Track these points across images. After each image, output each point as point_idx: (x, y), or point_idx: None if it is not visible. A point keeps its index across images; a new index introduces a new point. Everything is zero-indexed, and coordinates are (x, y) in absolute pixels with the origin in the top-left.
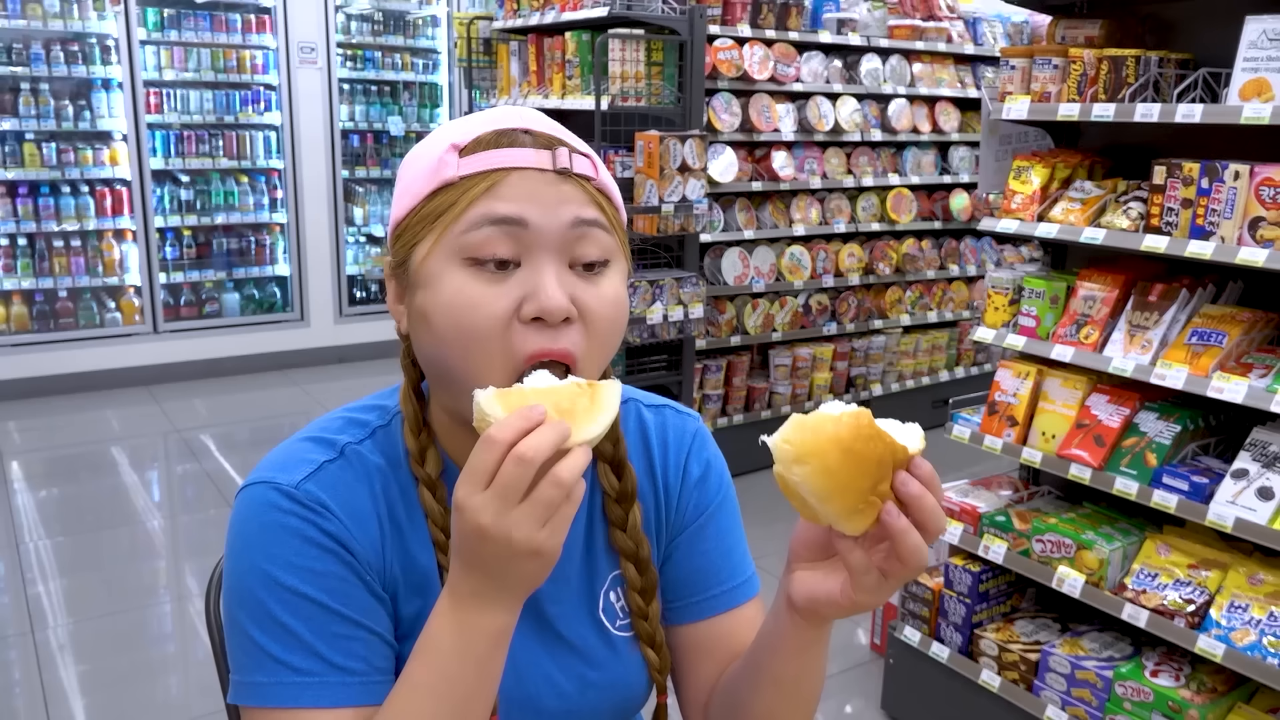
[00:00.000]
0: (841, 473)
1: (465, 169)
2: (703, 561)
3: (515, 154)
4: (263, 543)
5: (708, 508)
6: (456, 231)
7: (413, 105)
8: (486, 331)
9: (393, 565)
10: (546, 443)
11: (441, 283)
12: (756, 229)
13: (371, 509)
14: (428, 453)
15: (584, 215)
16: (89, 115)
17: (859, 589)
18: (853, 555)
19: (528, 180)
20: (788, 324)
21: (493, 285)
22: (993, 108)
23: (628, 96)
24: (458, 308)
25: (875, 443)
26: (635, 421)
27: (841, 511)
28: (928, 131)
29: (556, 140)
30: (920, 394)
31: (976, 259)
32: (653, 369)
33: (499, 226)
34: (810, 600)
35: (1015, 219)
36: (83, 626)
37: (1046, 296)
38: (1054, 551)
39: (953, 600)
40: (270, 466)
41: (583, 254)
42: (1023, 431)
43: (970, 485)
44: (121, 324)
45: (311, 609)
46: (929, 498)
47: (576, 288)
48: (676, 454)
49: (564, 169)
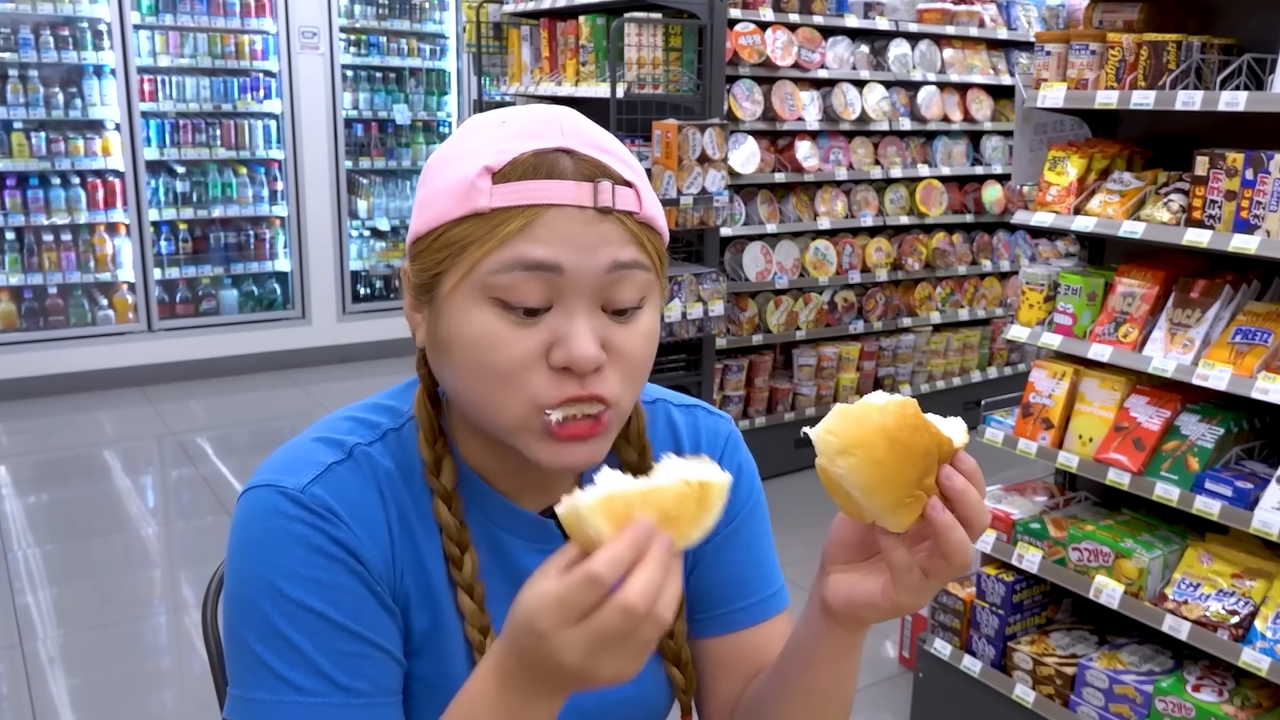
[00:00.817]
0: (889, 464)
1: (499, 200)
2: (731, 571)
3: (554, 188)
4: (266, 550)
5: (738, 514)
6: (486, 270)
7: (419, 93)
8: (510, 374)
9: (404, 576)
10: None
11: (467, 319)
12: (779, 222)
13: (382, 515)
14: (444, 463)
15: (622, 258)
16: (80, 103)
17: (901, 589)
18: (896, 552)
19: (566, 220)
20: (812, 322)
21: (520, 328)
22: (1027, 95)
23: (644, 84)
24: (482, 348)
25: (921, 433)
26: (664, 423)
27: (888, 505)
28: (959, 120)
29: (599, 168)
30: (951, 395)
31: (1010, 254)
32: (671, 369)
33: (531, 272)
34: (848, 603)
35: (1051, 212)
36: (73, 638)
37: (1083, 293)
38: (1091, 560)
39: (985, 611)
40: (274, 468)
41: (618, 299)
42: (1058, 434)
43: (1004, 491)
44: (114, 322)
45: (317, 623)
46: (973, 493)
47: (609, 330)
48: (709, 455)
49: (606, 207)
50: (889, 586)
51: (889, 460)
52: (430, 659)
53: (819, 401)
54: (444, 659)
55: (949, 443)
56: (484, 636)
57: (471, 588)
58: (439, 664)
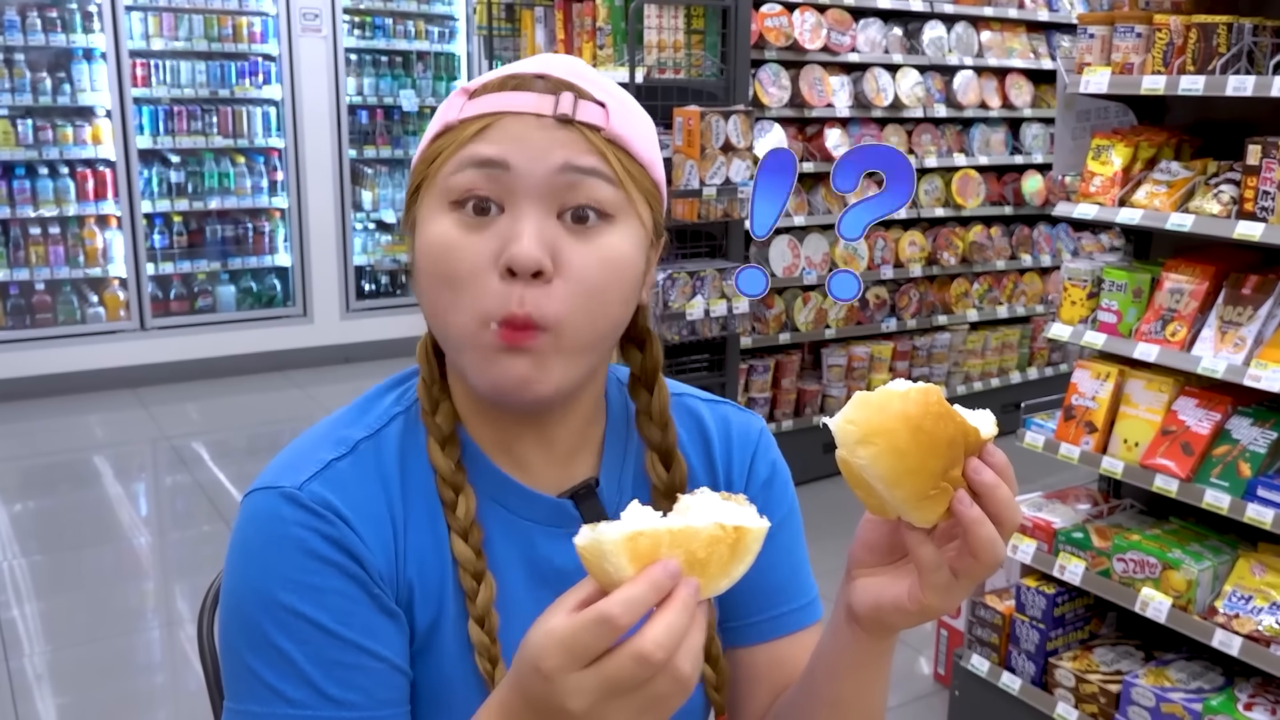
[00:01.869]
0: (912, 454)
1: (467, 112)
2: (767, 577)
3: (517, 98)
4: (262, 557)
5: (775, 515)
6: (445, 174)
7: (427, 78)
8: (463, 280)
9: (406, 571)
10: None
11: (429, 228)
12: (808, 214)
13: (385, 507)
14: (440, 406)
15: (577, 162)
16: (69, 89)
17: (929, 589)
18: (923, 549)
19: (521, 124)
20: (842, 320)
21: (473, 232)
22: (1069, 80)
23: (665, 68)
24: (438, 254)
25: (946, 422)
26: (690, 415)
27: (912, 497)
28: (997, 107)
29: (567, 85)
30: (989, 397)
31: (1051, 248)
32: (693, 370)
33: (480, 169)
34: (875, 608)
35: (1094, 203)
36: (62, 654)
37: (1129, 289)
38: (1137, 572)
39: (1025, 625)
40: (276, 468)
41: (571, 199)
42: (1102, 439)
43: (1044, 498)
44: (105, 320)
45: (309, 630)
46: (1003, 488)
47: (561, 241)
48: (742, 450)
49: (563, 114)
50: (916, 588)
51: (912, 449)
52: (433, 657)
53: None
54: (443, 656)
55: (975, 434)
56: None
57: (466, 531)
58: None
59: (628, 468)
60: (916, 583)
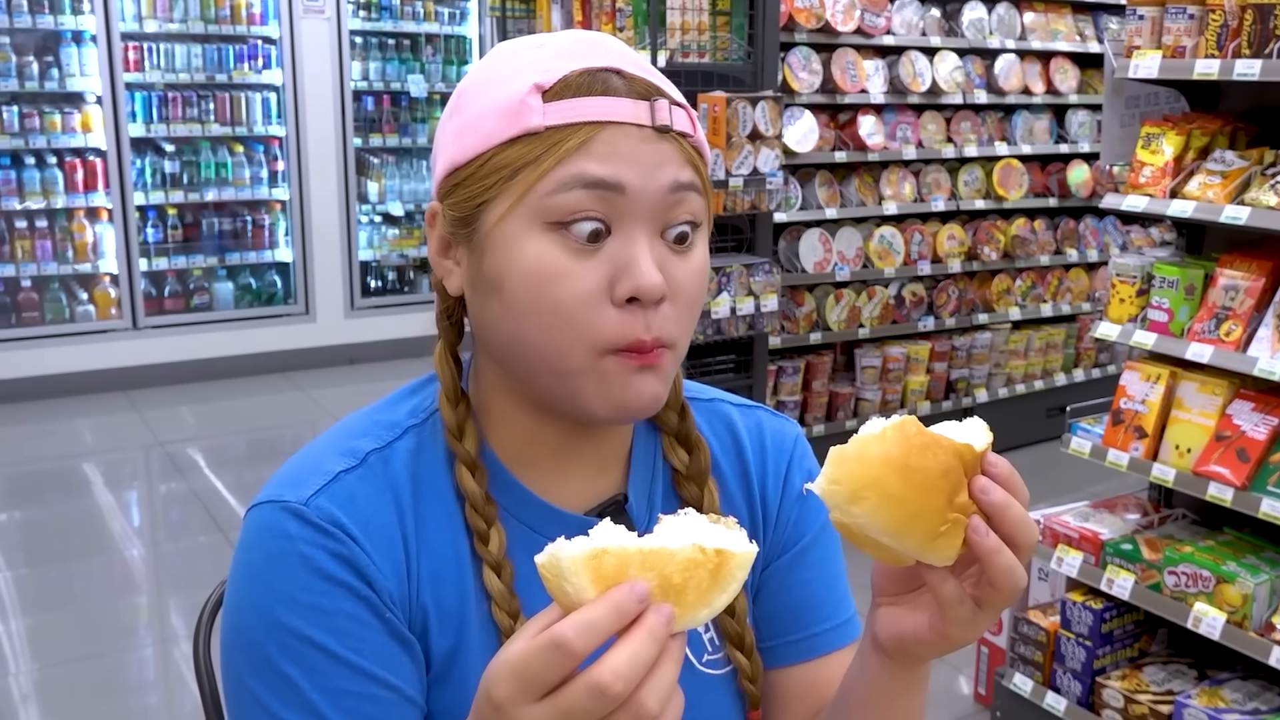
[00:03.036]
0: (908, 497)
1: (553, 118)
2: (803, 593)
3: (610, 104)
4: (266, 576)
5: (811, 529)
6: (542, 192)
7: (436, 61)
8: (572, 309)
9: (420, 593)
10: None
11: (521, 249)
12: (840, 207)
13: (396, 526)
14: (466, 427)
15: (682, 179)
16: (56, 73)
17: (951, 623)
18: (945, 587)
19: (625, 137)
20: (877, 318)
21: (581, 258)
22: (1117, 64)
23: (689, 51)
24: (540, 281)
25: (935, 450)
26: (723, 421)
27: (922, 541)
28: (1041, 92)
29: (654, 89)
30: (1032, 401)
31: (1098, 242)
32: (718, 371)
33: (592, 191)
34: (897, 640)
35: (1144, 195)
36: (50, 673)
37: (1180, 286)
38: (1189, 585)
39: (1071, 643)
40: (281, 481)
41: (675, 220)
42: (1153, 444)
43: (1091, 508)
44: (95, 319)
45: (316, 656)
46: (1015, 506)
47: (667, 261)
48: (776, 460)
49: (664, 125)
50: (938, 620)
51: (907, 493)
52: (451, 688)
53: (884, 407)
54: (465, 687)
55: (970, 450)
56: (514, 621)
57: (499, 566)
58: (459, 694)
59: (658, 482)
60: (937, 614)
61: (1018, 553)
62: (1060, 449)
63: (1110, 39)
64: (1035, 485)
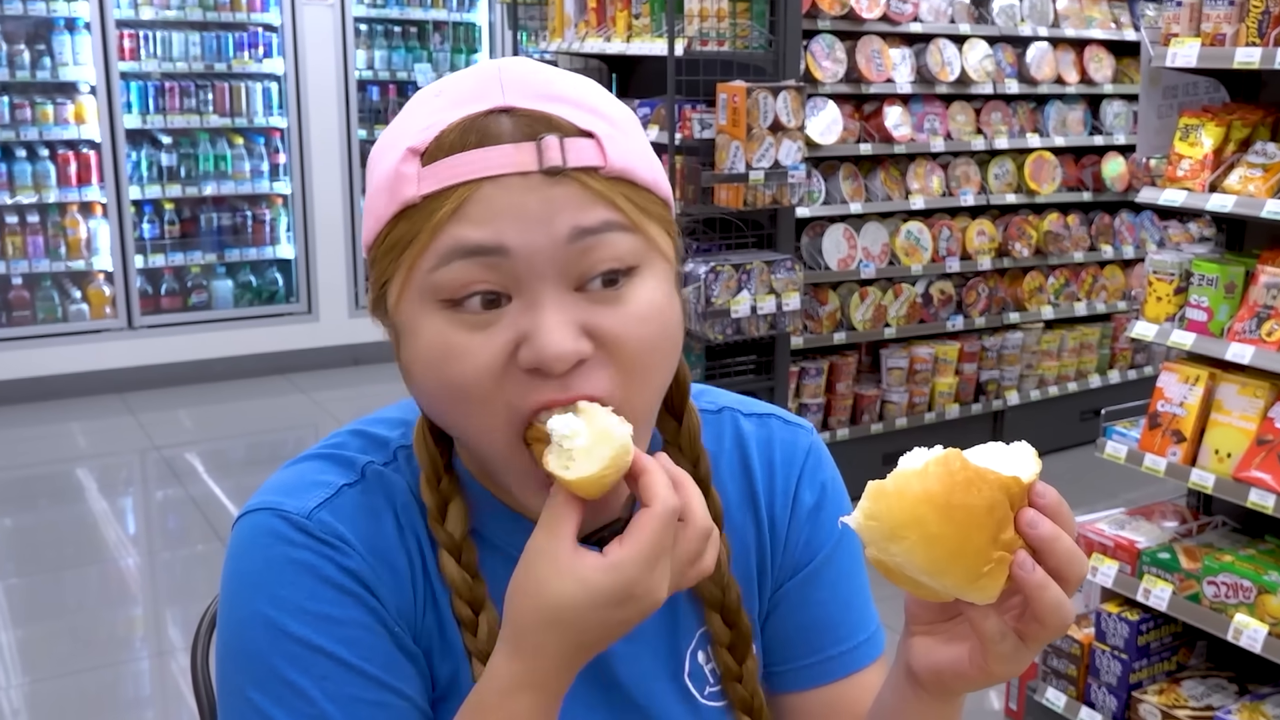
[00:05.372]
0: (950, 536)
1: (428, 184)
2: (817, 614)
3: (486, 156)
4: (267, 582)
5: (824, 546)
6: (425, 269)
7: (445, 50)
8: (476, 387)
9: (426, 614)
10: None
11: (418, 332)
12: (865, 201)
13: (400, 546)
14: (450, 507)
15: (585, 223)
16: (49, 62)
17: (993, 658)
18: (986, 623)
19: (505, 191)
20: (903, 318)
21: (477, 331)
22: (1154, 53)
23: (708, 39)
24: (439, 363)
25: (979, 485)
26: (732, 435)
27: (964, 581)
28: (1075, 82)
29: (544, 122)
30: (1066, 404)
31: (1134, 238)
32: (738, 373)
33: (473, 260)
34: (933, 672)
35: (1182, 189)
36: (42, 687)
37: (1220, 284)
38: (1230, 596)
39: (1106, 656)
40: (276, 489)
41: (592, 271)
42: (1191, 449)
43: (1127, 515)
44: (89, 318)
45: (326, 664)
46: (1064, 539)
47: (592, 315)
48: (785, 477)
49: (552, 167)
50: (978, 655)
51: (949, 532)
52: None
53: (911, 410)
54: None
55: (1017, 482)
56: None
57: (487, 655)
58: None
59: None
60: (978, 648)
61: (1065, 587)
62: (1095, 454)
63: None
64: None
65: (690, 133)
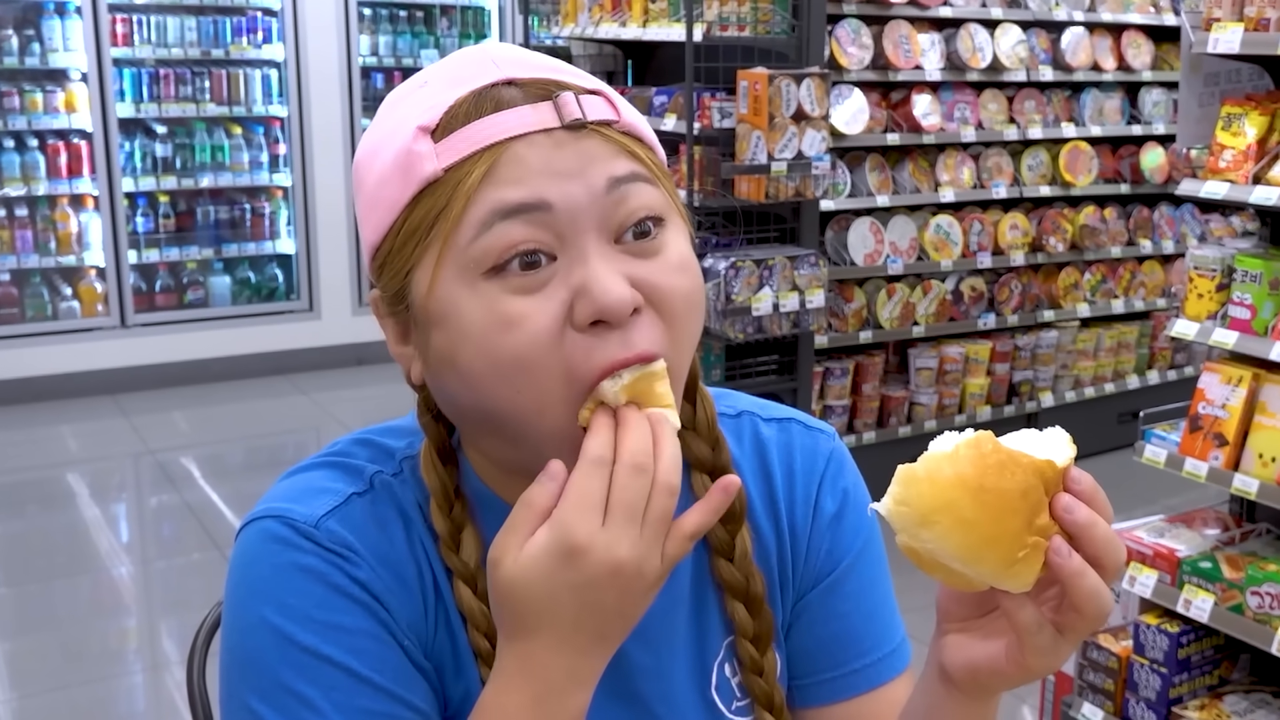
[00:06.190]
0: (984, 521)
1: (448, 157)
2: (840, 626)
3: (506, 118)
4: (273, 591)
5: (846, 555)
6: (463, 242)
7: (453, 35)
8: (535, 355)
9: (439, 631)
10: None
11: (461, 312)
12: (892, 194)
13: (411, 559)
14: (464, 535)
15: (618, 172)
16: (38, 48)
17: (1030, 651)
18: (1022, 613)
19: (534, 148)
20: (932, 315)
21: (529, 295)
22: (1195, 38)
23: (728, 24)
24: (492, 335)
25: (1012, 469)
26: (751, 439)
27: (999, 568)
28: (1112, 69)
29: (551, 83)
30: (1102, 405)
31: (1174, 232)
32: (760, 373)
33: (515, 219)
34: (970, 670)
35: (1224, 181)
36: (30, 703)
37: (1264, 280)
38: (1274, 607)
39: (1144, 669)
40: (282, 496)
41: (628, 220)
42: (1234, 453)
43: (1167, 522)
44: (80, 316)
45: (336, 675)
46: (1100, 524)
47: (633, 267)
48: (805, 484)
49: (575, 121)
50: (1015, 649)
51: (982, 517)
52: None
53: (940, 413)
54: None
55: (1051, 466)
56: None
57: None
58: None
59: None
60: (1015, 643)
61: (1103, 574)
62: (1133, 458)
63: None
64: None
65: (709, 122)
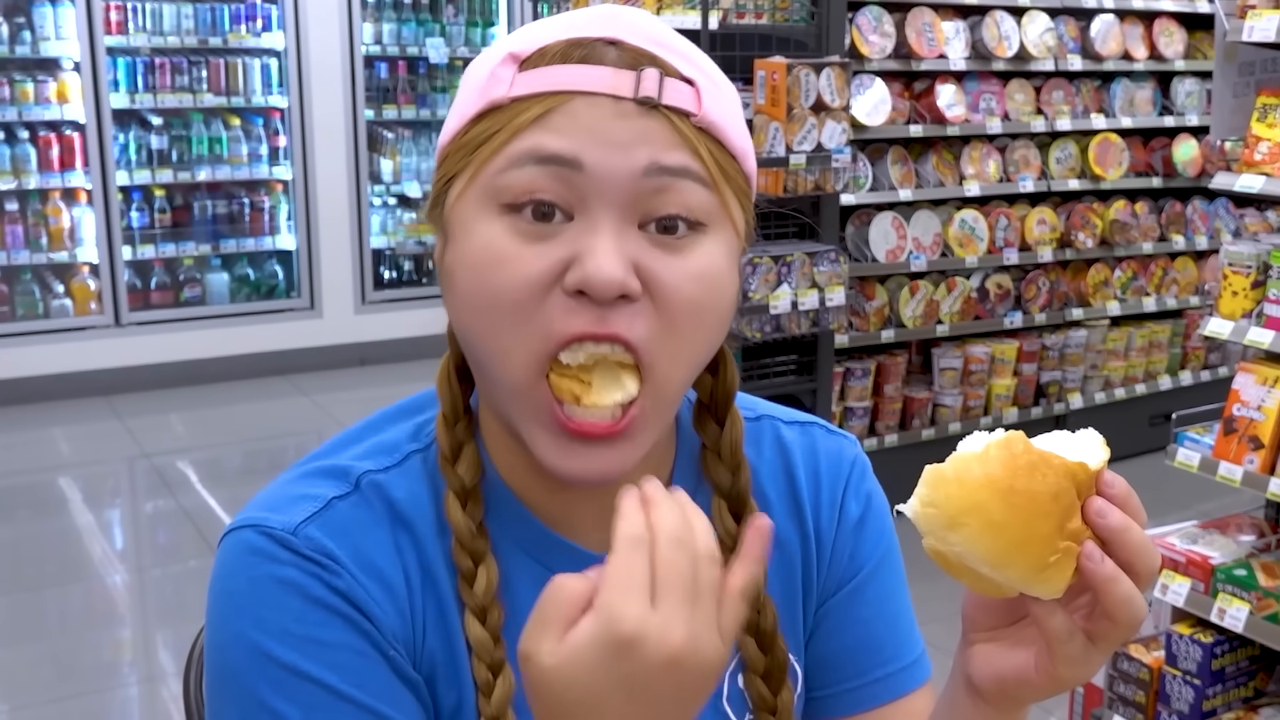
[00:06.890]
0: (1013, 524)
1: (520, 88)
2: (862, 634)
3: (586, 73)
4: (250, 604)
5: (868, 562)
6: (494, 170)
7: (459, 23)
8: (514, 299)
9: (427, 638)
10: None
11: (470, 233)
12: (915, 188)
13: (397, 563)
14: (464, 450)
15: (665, 161)
16: (29, 37)
17: (1060, 661)
18: (1052, 620)
19: (594, 109)
20: (957, 314)
21: (532, 242)
22: (1229, 26)
23: (744, 12)
24: (484, 266)
25: (1044, 471)
26: (772, 444)
27: (1028, 572)
28: (1143, 58)
29: (648, 57)
30: (1133, 407)
31: (1208, 227)
32: (778, 374)
33: (544, 167)
34: (998, 681)
35: (1259, 174)
36: (21, 716)
37: None
38: None
39: (1177, 681)
40: (261, 505)
41: (658, 211)
42: (1270, 457)
43: (1200, 528)
44: (73, 314)
45: (315, 693)
46: (1134, 529)
47: (647, 256)
48: (831, 488)
49: (647, 98)
50: (1045, 659)
51: (1011, 519)
52: None
53: (965, 415)
54: None
55: (1083, 468)
56: (494, 676)
57: (485, 610)
58: None
59: None
60: (1044, 652)
61: (1137, 581)
62: (1165, 462)
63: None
64: None
65: None
